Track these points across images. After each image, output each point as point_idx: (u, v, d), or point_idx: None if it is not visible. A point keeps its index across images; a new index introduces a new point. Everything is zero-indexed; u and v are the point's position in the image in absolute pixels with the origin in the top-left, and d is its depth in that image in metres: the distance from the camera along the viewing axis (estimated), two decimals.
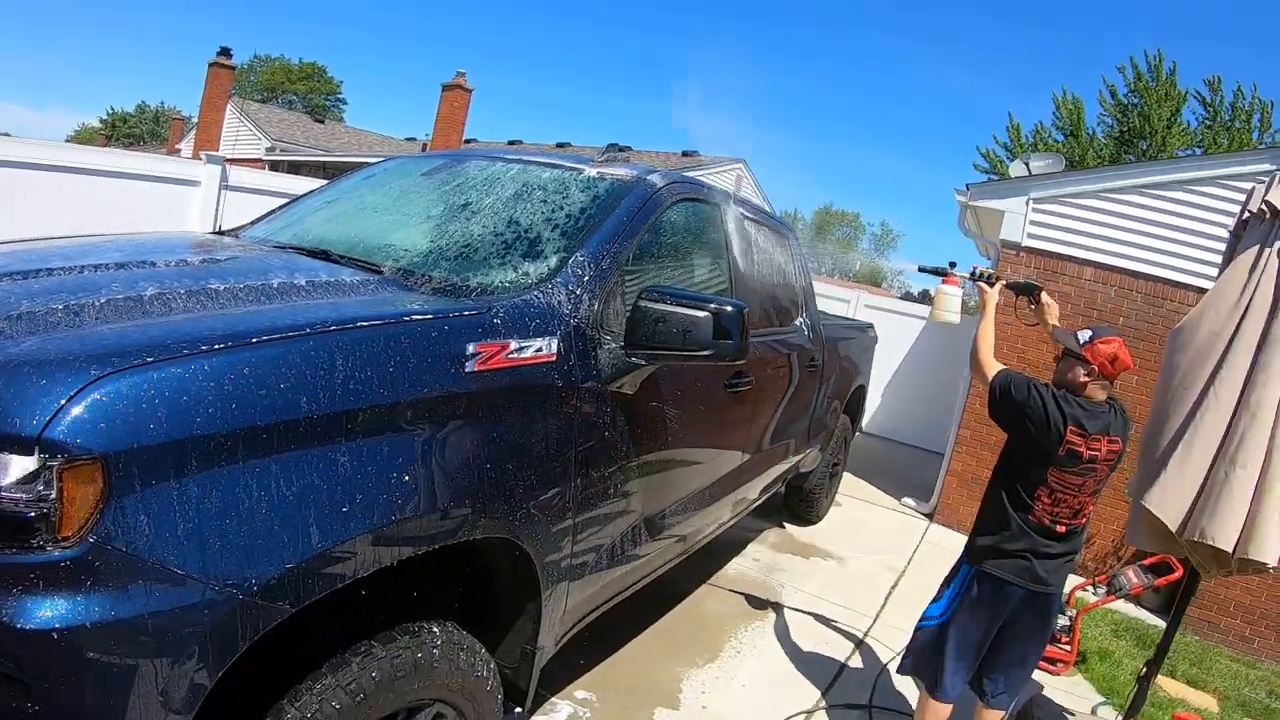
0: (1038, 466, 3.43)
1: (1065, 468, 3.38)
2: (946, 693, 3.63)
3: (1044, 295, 4.12)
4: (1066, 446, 3.35)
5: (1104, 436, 3.40)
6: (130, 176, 8.43)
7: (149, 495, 1.63)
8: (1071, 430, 3.35)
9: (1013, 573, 3.44)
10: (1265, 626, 7.22)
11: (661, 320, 2.78)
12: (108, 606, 1.59)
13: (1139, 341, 8.12)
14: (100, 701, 1.61)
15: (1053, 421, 3.37)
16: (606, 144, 3.87)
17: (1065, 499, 3.42)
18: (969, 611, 3.57)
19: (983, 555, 3.53)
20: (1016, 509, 3.47)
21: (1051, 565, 3.46)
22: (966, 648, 3.59)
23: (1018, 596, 3.46)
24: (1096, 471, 3.41)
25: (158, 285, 2.22)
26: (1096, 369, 3.45)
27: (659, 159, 23.72)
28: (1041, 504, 3.43)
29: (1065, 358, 3.60)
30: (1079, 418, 3.38)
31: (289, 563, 1.80)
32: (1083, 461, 3.37)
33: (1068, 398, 3.46)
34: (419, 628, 2.30)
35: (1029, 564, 3.43)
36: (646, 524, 3.52)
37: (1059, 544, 3.46)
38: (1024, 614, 3.51)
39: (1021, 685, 3.74)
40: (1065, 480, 3.40)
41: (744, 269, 4.45)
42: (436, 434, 2.22)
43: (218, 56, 27.55)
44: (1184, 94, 25.19)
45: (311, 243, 3.34)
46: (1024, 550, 3.43)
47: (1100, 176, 8.52)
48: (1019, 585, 3.44)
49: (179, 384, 1.70)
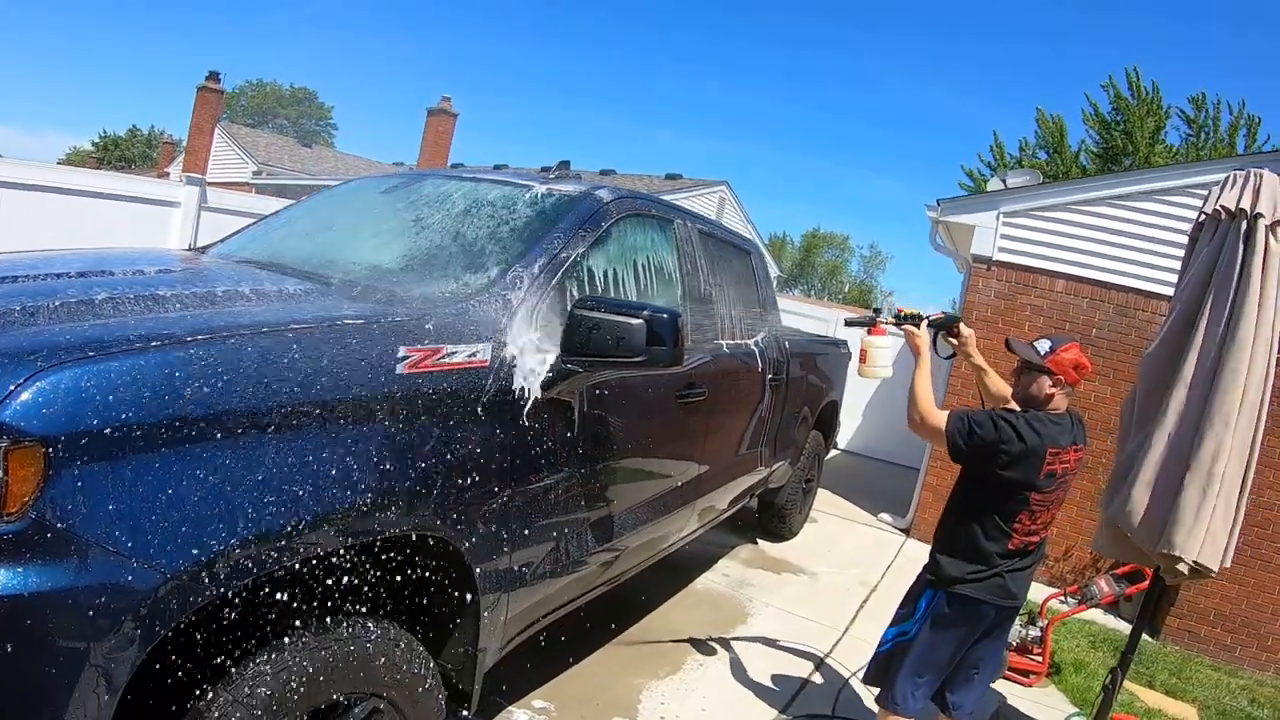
0: (1019, 495, 3.34)
1: (1045, 489, 3.34)
2: (907, 709, 3.56)
3: (961, 326, 3.95)
4: (1046, 469, 3.31)
5: (1072, 448, 3.39)
6: (113, 197, 8.59)
7: (86, 477, 1.73)
8: (1050, 452, 3.30)
9: (988, 592, 3.39)
10: (1246, 634, 7.20)
11: (595, 328, 2.88)
12: (45, 578, 1.68)
13: (1112, 352, 8.22)
14: (32, 667, 1.70)
15: (1031, 449, 3.28)
16: (558, 161, 3.94)
17: (1041, 515, 3.40)
18: (939, 631, 3.49)
19: (953, 581, 3.44)
20: (992, 538, 3.39)
21: (1022, 578, 3.45)
22: (932, 666, 3.53)
23: (993, 615, 3.44)
24: (1067, 483, 3.42)
25: (110, 291, 2.35)
26: (1062, 378, 3.40)
27: (643, 182, 23.81)
28: (1020, 527, 3.37)
29: (1027, 372, 3.52)
30: (1054, 436, 3.33)
31: (216, 546, 1.89)
32: (1058, 478, 3.36)
33: (1038, 417, 3.39)
34: (354, 622, 2.37)
35: (1003, 581, 3.39)
36: (595, 532, 3.57)
37: (1028, 558, 3.46)
38: (991, 629, 3.51)
39: (983, 695, 3.72)
40: (1045, 500, 3.37)
41: (696, 283, 4.54)
42: (365, 431, 2.30)
43: (206, 80, 27.72)
44: (1167, 111, 25.35)
45: (268, 257, 3.48)
46: (997, 571, 3.39)
47: (1070, 189, 8.62)
48: (993, 603, 3.41)
49: (116, 376, 1.82)
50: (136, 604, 1.77)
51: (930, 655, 3.52)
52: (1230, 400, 3.52)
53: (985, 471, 3.36)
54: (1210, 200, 3.75)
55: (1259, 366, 3.53)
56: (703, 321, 4.57)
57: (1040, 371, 3.44)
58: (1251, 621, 7.19)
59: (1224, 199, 3.65)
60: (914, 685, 3.54)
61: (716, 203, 23.18)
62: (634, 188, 13.65)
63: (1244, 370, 3.51)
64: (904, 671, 3.56)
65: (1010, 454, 3.28)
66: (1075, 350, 3.42)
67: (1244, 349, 3.50)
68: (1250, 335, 3.50)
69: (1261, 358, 3.54)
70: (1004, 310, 8.59)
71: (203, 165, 26.33)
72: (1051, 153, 27.00)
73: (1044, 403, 3.44)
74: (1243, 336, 3.51)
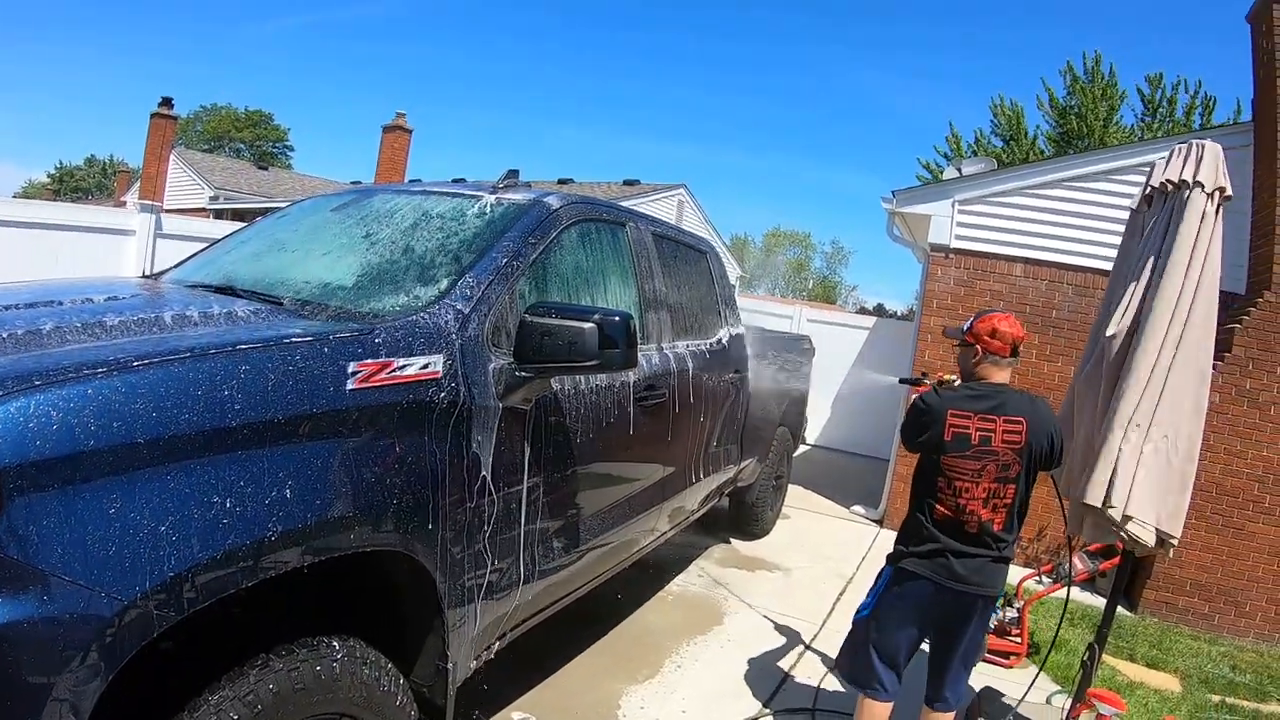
0: (932, 458, 3.49)
1: (955, 452, 3.41)
2: (878, 691, 3.61)
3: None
4: (951, 430, 3.41)
5: (997, 416, 3.41)
6: (68, 228, 8.57)
7: (37, 506, 1.72)
8: (951, 413, 3.43)
9: (929, 569, 3.45)
10: (1224, 602, 7.25)
11: (547, 334, 2.90)
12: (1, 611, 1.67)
13: (1073, 332, 8.37)
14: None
15: (932, 411, 3.48)
16: (506, 170, 3.94)
17: (965, 487, 3.40)
18: (889, 607, 3.57)
19: (899, 556, 3.58)
20: (924, 510, 3.51)
21: (972, 564, 3.43)
22: (891, 644, 3.58)
23: (932, 592, 3.46)
24: (998, 456, 3.39)
25: (57, 321, 2.34)
26: (980, 347, 3.53)
27: (601, 189, 23.90)
28: (943, 495, 3.45)
29: (960, 352, 3.69)
30: (956, 401, 3.47)
31: (171, 571, 1.88)
32: (973, 444, 3.40)
33: (954, 386, 3.61)
34: (318, 641, 2.35)
35: (945, 561, 3.43)
36: (563, 539, 3.58)
37: (976, 546, 3.43)
38: (953, 615, 3.49)
39: (963, 686, 3.69)
40: (959, 465, 3.41)
41: (652, 284, 4.56)
42: (317, 448, 2.30)
43: (159, 106, 27.46)
44: (1123, 93, 25.68)
45: (220, 280, 3.47)
46: (937, 548, 3.45)
47: (1024, 174, 8.74)
48: (933, 580, 3.44)
49: (64, 404, 1.80)
50: (94, 634, 1.76)
51: (885, 631, 3.59)
52: (1149, 351, 3.56)
53: (920, 446, 3.58)
54: (1155, 175, 3.80)
55: (1195, 326, 3.57)
56: (660, 323, 4.60)
57: (963, 345, 3.64)
58: (1228, 589, 7.25)
59: (1167, 173, 3.71)
60: (878, 665, 3.60)
61: (675, 206, 23.31)
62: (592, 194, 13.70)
63: (1164, 325, 3.55)
64: (865, 651, 3.63)
65: (919, 422, 3.54)
66: (992, 319, 3.55)
67: (1168, 303, 3.55)
68: (1175, 292, 3.55)
69: (1198, 317, 3.57)
70: (964, 297, 8.68)
71: (159, 192, 26.09)
72: (1008, 140, 27.31)
73: (975, 375, 3.59)
74: (1167, 293, 3.56)
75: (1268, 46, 7.41)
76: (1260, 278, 7.35)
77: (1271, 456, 7.15)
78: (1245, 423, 7.19)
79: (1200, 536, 7.23)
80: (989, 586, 3.47)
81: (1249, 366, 7.17)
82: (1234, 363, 7.18)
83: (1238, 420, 7.19)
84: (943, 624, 3.54)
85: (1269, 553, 7.18)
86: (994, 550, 3.44)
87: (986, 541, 3.43)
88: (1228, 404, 7.16)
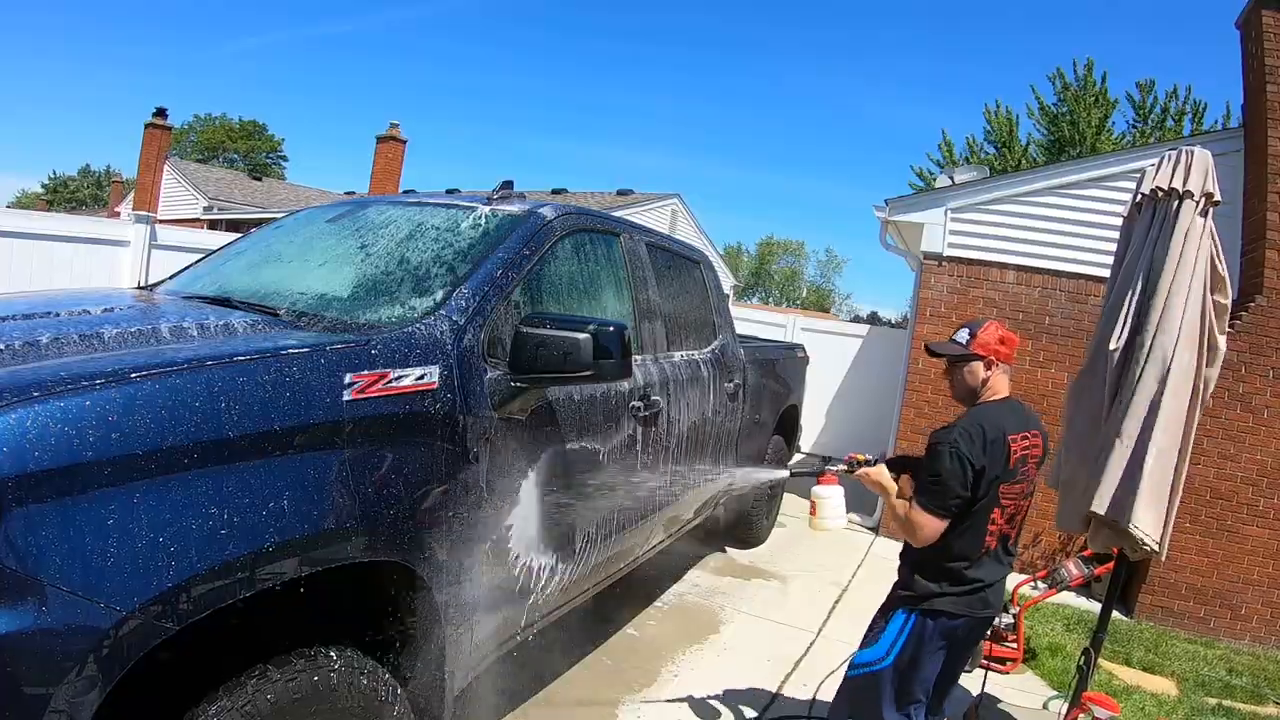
0: (989, 494, 3.20)
1: (1010, 480, 3.22)
2: None
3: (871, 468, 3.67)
4: (1014, 458, 3.20)
5: (1026, 432, 3.29)
6: (62, 239, 8.53)
7: (35, 517, 1.73)
8: (1011, 439, 3.20)
9: (966, 607, 3.28)
10: (1219, 605, 7.27)
11: (542, 345, 2.92)
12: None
13: (1065, 339, 8.41)
14: None
15: (994, 442, 3.18)
16: (501, 181, 3.95)
17: (1010, 510, 3.29)
18: (920, 653, 3.32)
19: (928, 598, 3.30)
20: (971, 551, 3.25)
21: (998, 589, 3.37)
22: (918, 690, 3.37)
23: (964, 626, 3.32)
24: (1029, 474, 3.33)
25: (54, 332, 2.35)
26: (991, 357, 3.34)
27: (595, 199, 23.90)
28: (994, 526, 3.25)
29: (956, 366, 3.45)
30: (1007, 424, 3.24)
31: (169, 582, 1.89)
32: (1023, 467, 3.28)
33: (983, 413, 3.29)
34: (316, 652, 2.36)
35: (983, 595, 3.29)
36: (560, 547, 3.58)
37: (999, 565, 3.35)
38: (969, 639, 3.44)
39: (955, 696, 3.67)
40: (1011, 491, 3.26)
41: (646, 294, 4.58)
42: (314, 459, 2.31)
43: (153, 117, 27.47)
44: (1114, 100, 25.76)
45: (216, 292, 3.48)
46: (977, 583, 3.27)
47: (1016, 181, 8.79)
48: (968, 615, 3.30)
49: (61, 416, 1.81)
50: (93, 644, 1.77)
51: (913, 681, 3.37)
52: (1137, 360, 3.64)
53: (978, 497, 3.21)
54: (1145, 182, 3.85)
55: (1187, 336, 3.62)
56: (655, 333, 4.61)
57: (969, 360, 3.39)
58: (1223, 592, 7.27)
59: (1157, 179, 3.76)
60: (909, 716, 3.41)
61: (669, 215, 23.31)
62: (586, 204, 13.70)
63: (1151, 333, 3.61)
64: (887, 704, 3.39)
65: (982, 460, 3.16)
66: (994, 326, 3.39)
67: (1155, 311, 3.62)
68: (1161, 303, 3.61)
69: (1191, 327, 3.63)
70: (957, 305, 8.70)
71: (153, 203, 26.10)
72: (1000, 147, 27.34)
73: (984, 389, 3.38)
74: (1155, 304, 3.62)
75: (1257, 52, 7.45)
76: (1252, 282, 7.38)
77: (1265, 459, 7.18)
78: (1238, 426, 7.22)
79: (1195, 540, 7.25)
80: (999, 607, 3.46)
81: (1241, 370, 7.19)
82: (1226, 366, 7.17)
83: (1231, 423, 7.22)
84: (960, 651, 3.46)
85: (1263, 555, 7.20)
86: (1009, 566, 3.42)
87: (1003, 559, 3.38)
88: (1221, 407, 7.19)
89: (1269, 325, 7.16)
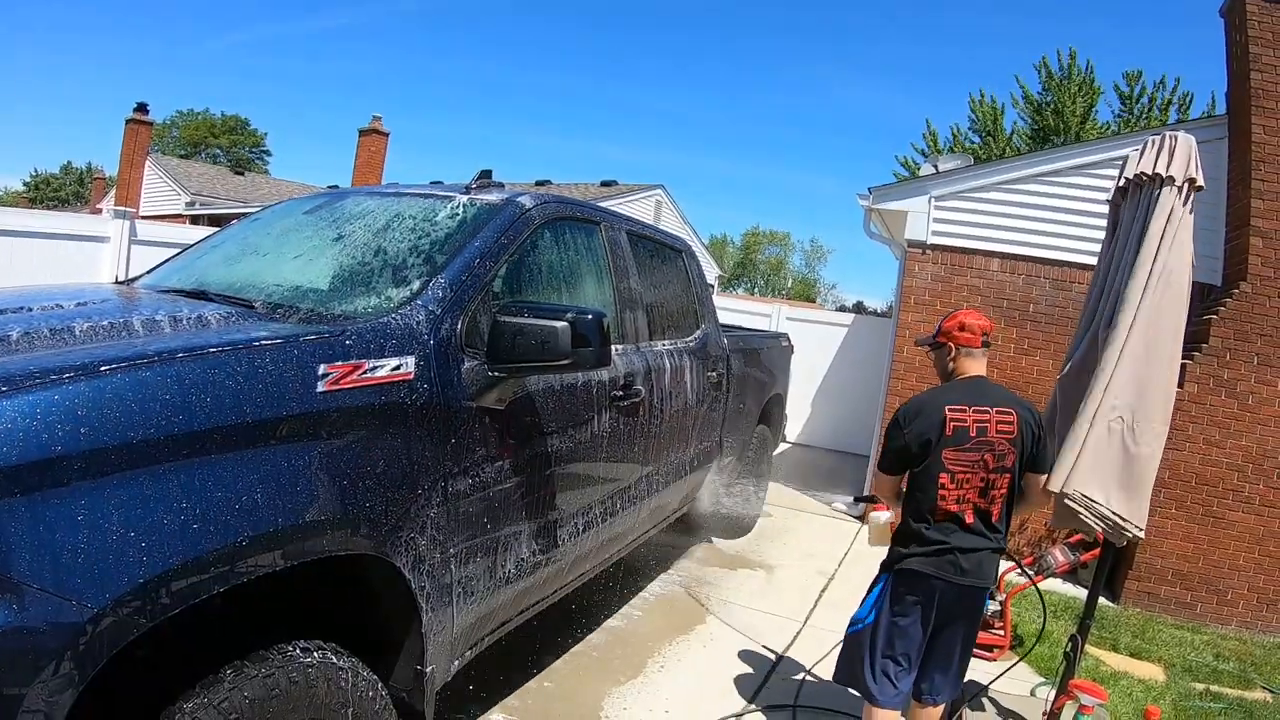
0: (933, 457, 3.45)
1: (956, 446, 3.42)
2: (887, 699, 3.57)
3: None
4: (951, 424, 3.42)
5: (989, 407, 3.46)
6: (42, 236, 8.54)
7: (5, 514, 1.69)
8: (948, 408, 3.45)
9: (934, 567, 3.44)
10: (1205, 590, 7.29)
11: (520, 333, 2.90)
12: None
13: (1050, 326, 8.45)
14: None
15: (922, 408, 3.53)
16: (479, 170, 3.92)
17: (967, 478, 3.42)
18: (893, 612, 3.54)
19: (899, 559, 3.55)
20: (928, 514, 3.48)
21: (974, 558, 3.45)
22: (897, 650, 3.55)
23: (941, 590, 3.44)
24: (993, 446, 3.42)
25: (25, 327, 2.31)
26: (952, 344, 3.64)
27: (578, 189, 23.88)
28: (945, 490, 3.42)
29: (935, 356, 3.81)
30: (949, 397, 3.52)
31: (142, 577, 1.85)
32: (971, 436, 3.42)
33: (935, 389, 3.68)
34: (294, 647, 2.33)
35: (952, 558, 3.43)
36: (542, 538, 3.56)
37: (975, 536, 3.45)
38: (954, 610, 3.49)
39: (958, 680, 3.70)
40: (961, 458, 3.42)
41: (628, 284, 4.56)
42: (288, 451, 2.28)
43: (134, 112, 27.26)
44: (1099, 89, 25.79)
45: (192, 285, 3.44)
46: (944, 546, 3.43)
47: (1000, 169, 8.79)
48: (940, 577, 3.43)
49: (30, 410, 1.78)
50: (67, 641, 1.73)
51: (891, 640, 3.55)
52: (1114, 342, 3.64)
53: (916, 456, 3.53)
54: (1129, 167, 3.87)
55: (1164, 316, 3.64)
56: (636, 322, 4.59)
57: (936, 347, 3.76)
58: (1209, 578, 7.29)
59: (1141, 165, 3.76)
60: (885, 674, 3.57)
61: (653, 206, 23.32)
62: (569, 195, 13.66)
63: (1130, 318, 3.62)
64: (869, 661, 3.60)
65: (911, 425, 3.51)
66: (960, 314, 3.72)
67: (1135, 295, 3.62)
68: (1141, 285, 3.62)
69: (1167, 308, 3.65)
70: (941, 293, 8.71)
71: (135, 199, 25.92)
72: (985, 136, 27.36)
73: (954, 372, 3.68)
74: (1135, 286, 3.63)
75: (1240, 40, 7.47)
76: (1236, 269, 7.41)
77: (1250, 445, 7.20)
78: (1223, 412, 7.24)
79: (1181, 526, 7.27)
80: (988, 578, 3.51)
81: (1226, 357, 7.21)
82: (1211, 353, 7.22)
83: (1216, 410, 7.24)
84: (947, 621, 3.52)
85: (1249, 541, 7.22)
86: (992, 541, 3.48)
87: (985, 533, 3.47)
88: (1205, 394, 7.21)
89: (1253, 312, 7.18)
